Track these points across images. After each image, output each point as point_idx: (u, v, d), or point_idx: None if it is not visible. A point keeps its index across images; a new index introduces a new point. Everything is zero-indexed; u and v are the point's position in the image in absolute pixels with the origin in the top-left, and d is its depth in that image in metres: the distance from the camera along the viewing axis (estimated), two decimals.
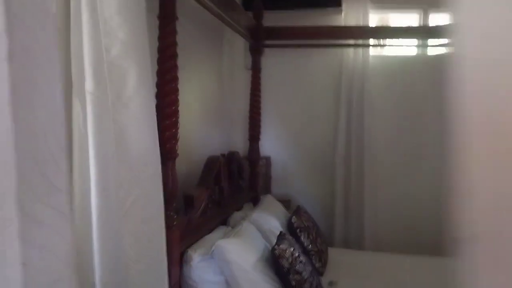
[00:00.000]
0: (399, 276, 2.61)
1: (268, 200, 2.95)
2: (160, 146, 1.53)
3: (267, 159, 3.49)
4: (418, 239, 3.43)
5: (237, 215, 2.59)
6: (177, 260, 1.79)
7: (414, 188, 3.46)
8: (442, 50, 3.45)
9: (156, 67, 1.61)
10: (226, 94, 3.26)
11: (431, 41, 3.43)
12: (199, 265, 1.87)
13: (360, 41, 3.38)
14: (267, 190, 3.48)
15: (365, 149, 3.43)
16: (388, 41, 3.40)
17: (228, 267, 1.87)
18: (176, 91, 1.63)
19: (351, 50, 3.41)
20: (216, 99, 3.09)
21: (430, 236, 3.41)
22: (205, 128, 2.87)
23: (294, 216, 2.60)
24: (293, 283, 1.97)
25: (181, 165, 1.78)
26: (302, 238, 2.53)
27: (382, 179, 3.49)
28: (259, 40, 3.03)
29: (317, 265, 2.53)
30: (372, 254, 3.11)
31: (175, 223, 1.71)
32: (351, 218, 3.50)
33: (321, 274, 2.52)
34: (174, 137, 1.66)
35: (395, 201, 3.50)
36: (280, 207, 2.92)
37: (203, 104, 2.84)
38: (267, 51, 3.16)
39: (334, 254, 2.83)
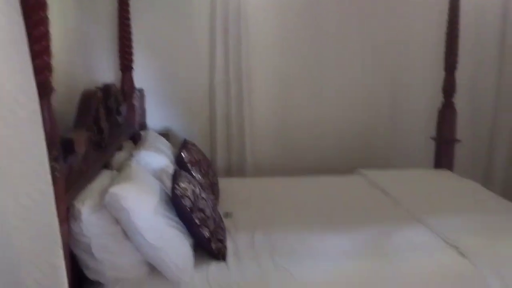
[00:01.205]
0: (287, 199, 2.65)
1: (151, 136, 2.68)
2: None
3: (140, 91, 3.16)
4: (297, 161, 3.53)
5: (119, 156, 2.30)
6: (64, 217, 1.49)
7: (293, 112, 3.50)
8: None
9: None
10: (88, 16, 2.77)
11: None
12: (90, 218, 1.60)
13: None
14: (143, 125, 3.19)
15: (244, 73, 3.31)
16: None
17: (125, 216, 1.62)
18: (44, 4, 1.25)
19: None
20: (76, 22, 2.60)
21: (309, 157, 3.54)
22: (66, 56, 2.41)
23: (183, 150, 2.40)
24: (197, 221, 1.82)
25: None
26: (193, 172, 2.36)
27: (262, 103, 3.44)
28: None
29: (211, 198, 2.41)
30: (257, 180, 3.11)
31: (57, 174, 1.39)
32: (232, 146, 3.43)
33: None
34: (47, 67, 1.29)
35: (275, 126, 3.52)
36: (165, 142, 2.68)
37: (60, 28, 2.36)
38: None
39: (221, 184, 2.74)
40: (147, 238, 1.63)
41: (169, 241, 1.71)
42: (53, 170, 1.36)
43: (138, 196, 1.69)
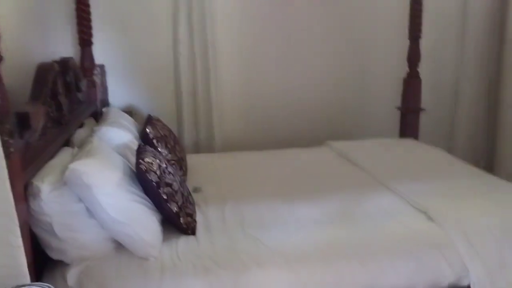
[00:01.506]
0: (257, 172, 2.63)
1: (113, 112, 2.59)
2: None
3: (101, 67, 3.04)
4: (266, 135, 3.51)
5: (80, 133, 2.21)
6: (21, 195, 1.41)
7: (261, 85, 3.46)
8: None
9: None
10: None
11: None
12: (51, 196, 1.53)
13: None
14: (105, 102, 3.08)
15: (209, 46, 3.23)
16: None
17: (87, 193, 1.56)
18: None
19: None
20: None
21: (277, 131, 3.52)
22: (19, 29, 2.28)
23: (148, 126, 2.33)
24: (164, 196, 1.77)
25: None
26: (160, 148, 2.30)
27: (229, 77, 3.38)
28: None
29: (179, 173, 2.37)
30: (225, 155, 3.07)
31: (12, 149, 1.31)
32: (199, 122, 3.36)
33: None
34: None
35: (243, 100, 3.47)
36: (128, 118, 2.60)
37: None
38: None
39: (189, 160, 2.70)
40: (111, 214, 1.57)
41: (135, 216, 1.66)
42: (7, 146, 1.28)
43: (100, 172, 1.63)
